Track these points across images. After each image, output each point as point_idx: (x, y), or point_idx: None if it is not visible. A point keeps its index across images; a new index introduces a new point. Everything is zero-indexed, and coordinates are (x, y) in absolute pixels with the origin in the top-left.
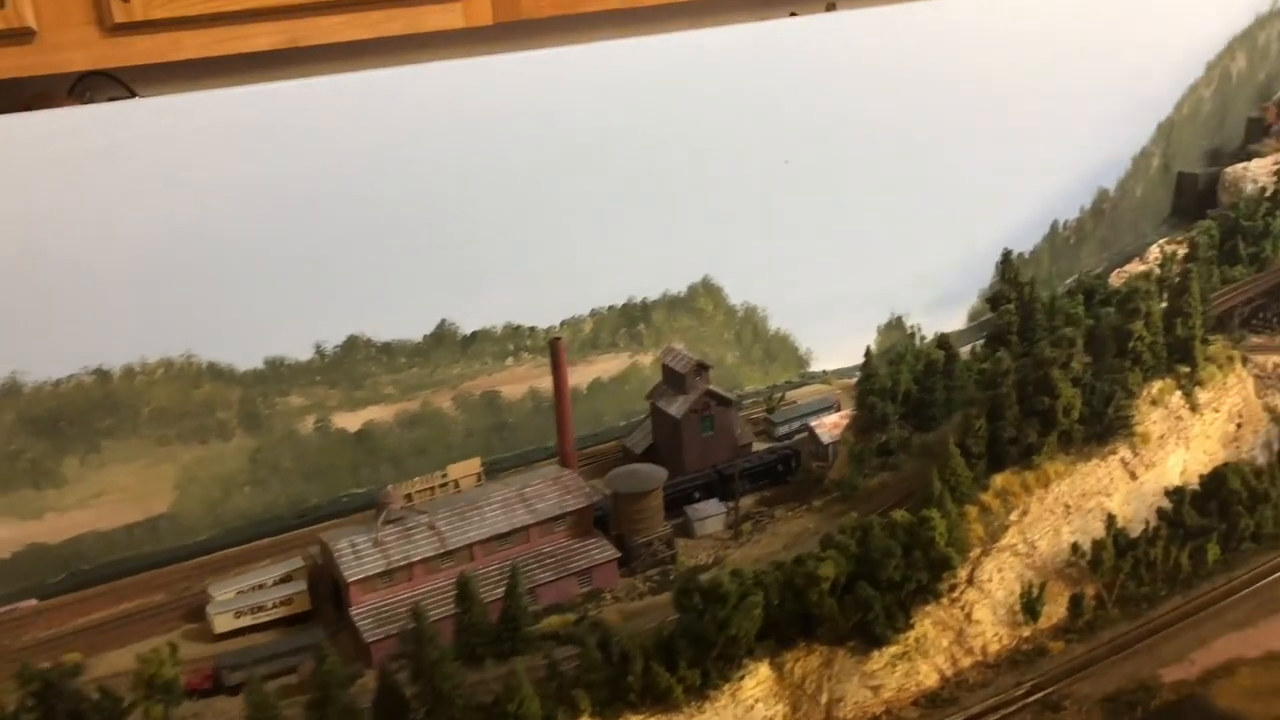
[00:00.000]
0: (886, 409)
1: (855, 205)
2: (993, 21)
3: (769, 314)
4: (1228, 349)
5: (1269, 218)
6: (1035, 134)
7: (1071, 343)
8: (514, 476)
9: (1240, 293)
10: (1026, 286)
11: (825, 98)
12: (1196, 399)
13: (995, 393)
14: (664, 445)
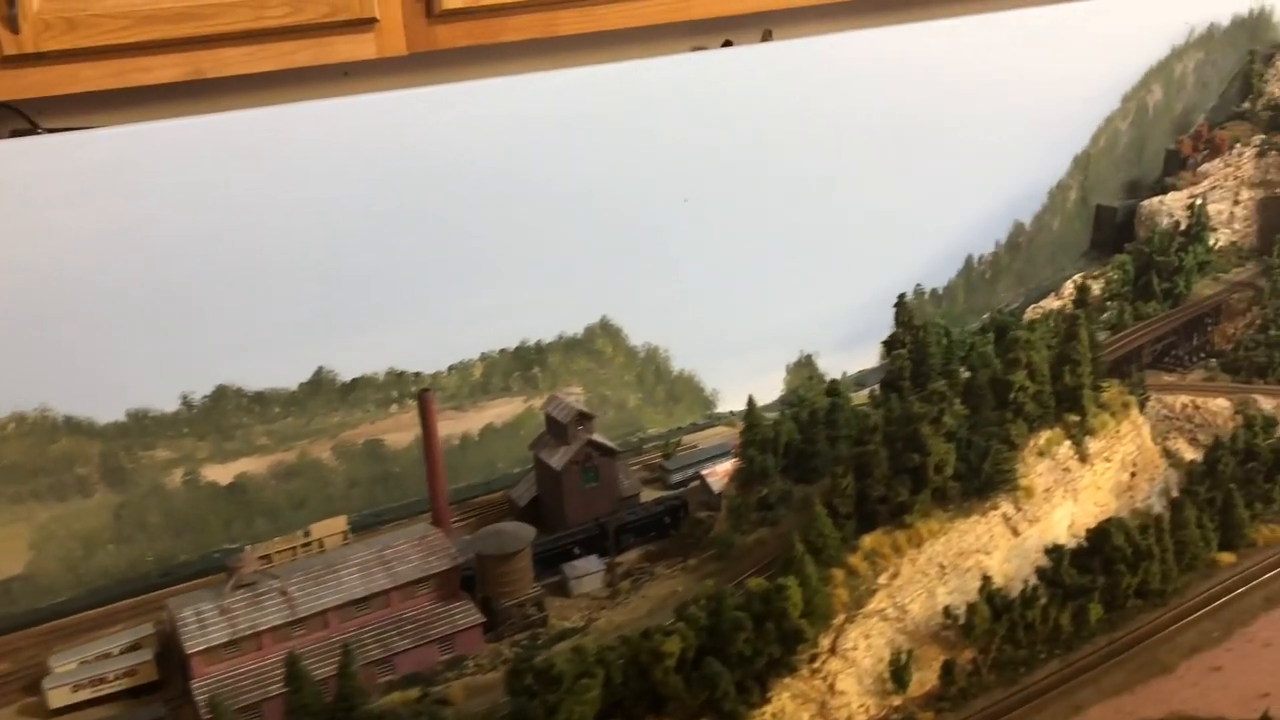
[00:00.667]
0: (766, 462)
1: (765, 240)
2: (913, 52)
3: (672, 354)
4: (1123, 394)
5: (1182, 253)
6: (950, 167)
7: (943, 397)
8: (379, 535)
9: (1150, 330)
10: (920, 330)
11: (738, 132)
12: (1087, 449)
13: (863, 450)
14: (547, 497)
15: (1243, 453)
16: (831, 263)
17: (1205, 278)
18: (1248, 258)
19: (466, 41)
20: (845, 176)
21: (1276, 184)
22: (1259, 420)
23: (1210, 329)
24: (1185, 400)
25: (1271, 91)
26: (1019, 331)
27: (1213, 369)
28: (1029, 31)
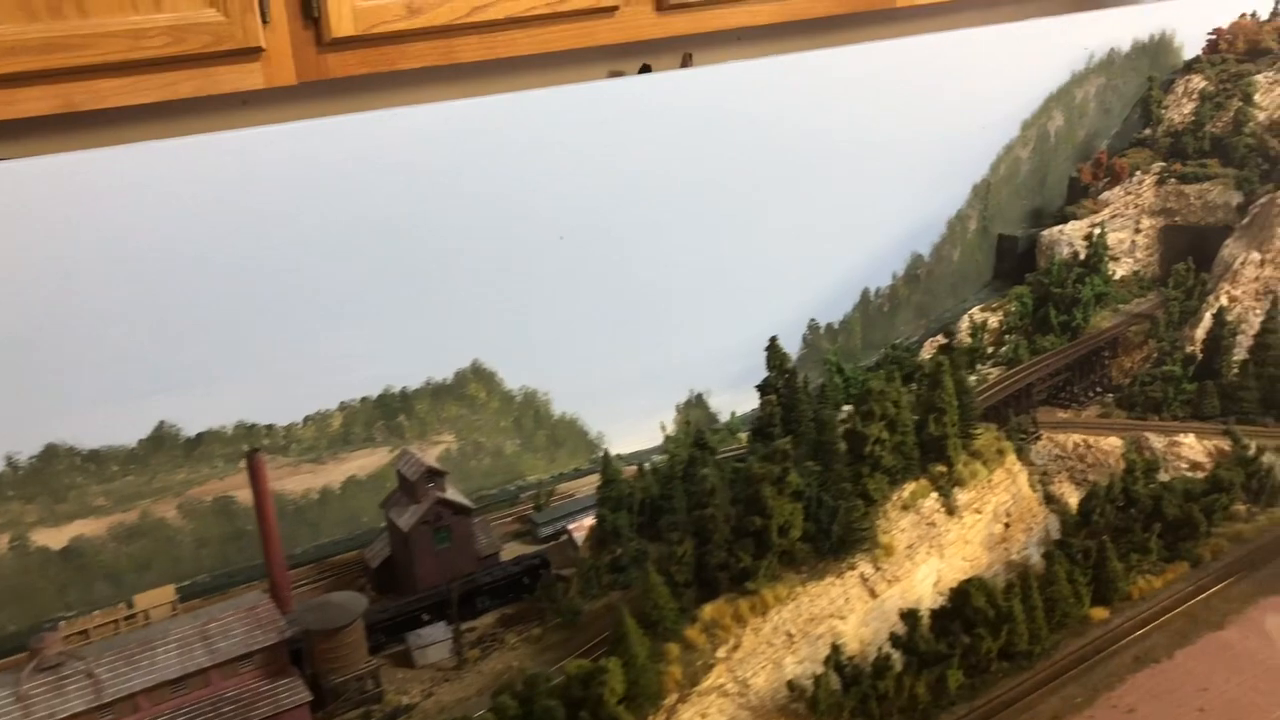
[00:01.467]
0: (619, 520)
1: (653, 275)
2: (809, 80)
3: (552, 397)
4: (998, 440)
5: (1079, 284)
6: (846, 197)
7: (785, 455)
8: (211, 605)
9: (1045, 366)
10: (790, 374)
11: (629, 163)
12: (955, 501)
13: (701, 514)
14: (399, 559)
15: (1121, 499)
16: (724, 297)
17: (1104, 309)
18: (1149, 288)
19: (360, 70)
20: (739, 208)
21: (1177, 212)
22: (1139, 465)
23: (1107, 363)
24: (1078, 439)
25: (1171, 118)
26: (873, 382)
27: (1108, 405)
28: (925, 58)
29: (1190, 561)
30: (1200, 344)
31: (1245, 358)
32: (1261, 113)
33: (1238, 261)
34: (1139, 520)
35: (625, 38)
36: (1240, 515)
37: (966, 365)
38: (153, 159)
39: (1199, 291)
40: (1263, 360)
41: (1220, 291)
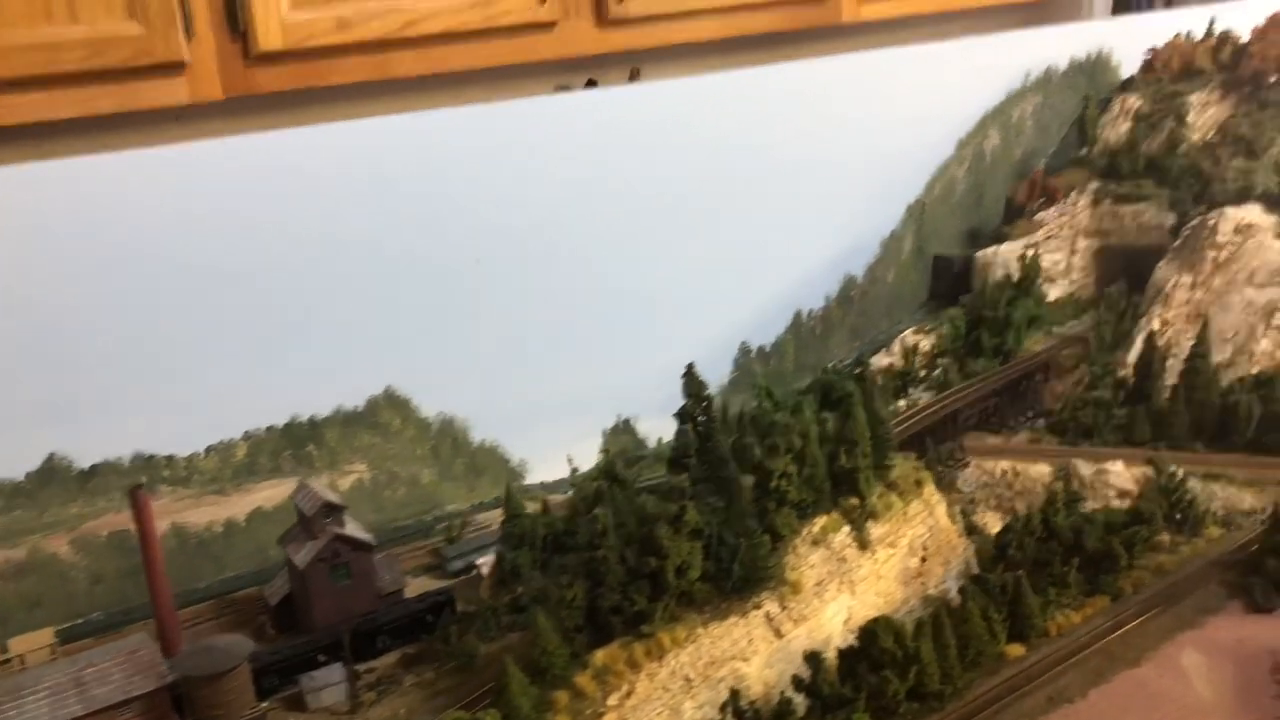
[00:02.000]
0: (519, 559)
1: (579, 297)
2: (743, 99)
3: (472, 424)
4: (917, 470)
5: (1011, 307)
6: (778, 217)
7: (683, 493)
8: (85, 651)
9: (974, 390)
10: (708, 402)
11: (555, 183)
12: (867, 535)
13: (592, 555)
14: (297, 596)
15: (1041, 531)
16: (654, 319)
17: (1038, 332)
18: (1085, 309)
19: (290, 85)
20: (668, 228)
21: (1112, 233)
22: (1060, 495)
23: (1040, 387)
24: (1006, 465)
25: (1108, 138)
26: (777, 416)
27: (1039, 430)
28: (860, 76)
29: (1111, 595)
30: (1132, 369)
31: (1176, 383)
32: (1195, 133)
33: (1169, 284)
34: (1059, 553)
35: (566, 53)
36: (1164, 546)
37: (897, 390)
38: (49, 178)
39: (1131, 315)
40: (1193, 385)
41: (1152, 315)
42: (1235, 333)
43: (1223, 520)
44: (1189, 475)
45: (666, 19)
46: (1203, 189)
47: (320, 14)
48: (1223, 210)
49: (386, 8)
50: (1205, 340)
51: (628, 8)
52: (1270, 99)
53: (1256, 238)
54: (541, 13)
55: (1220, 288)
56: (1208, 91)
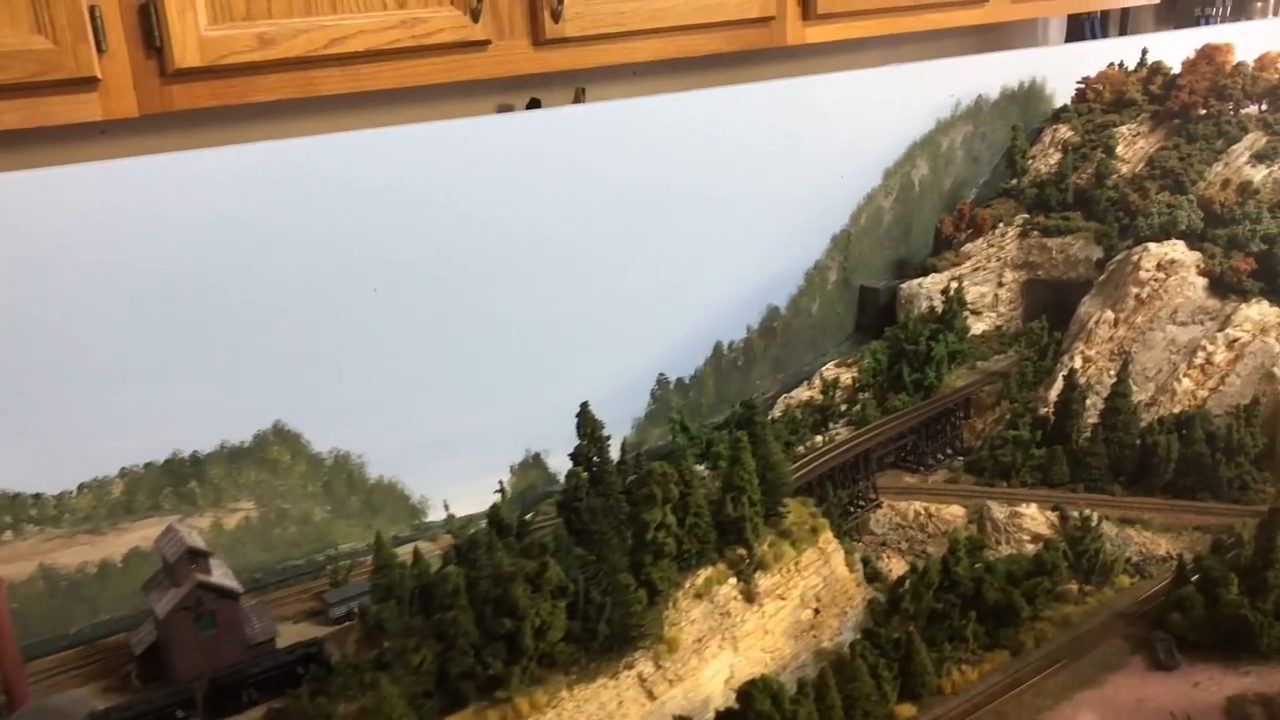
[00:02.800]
0: (383, 614)
1: (485, 327)
2: (667, 125)
3: (368, 459)
4: (813, 517)
5: (932, 341)
6: (699, 247)
7: (544, 549)
8: None
9: (890, 427)
10: (603, 443)
11: (464, 208)
12: (755, 587)
13: (442, 617)
14: (161, 646)
15: (941, 581)
16: (567, 349)
17: (962, 367)
18: (1011, 343)
19: (209, 102)
20: (586, 257)
21: (1039, 266)
22: (962, 544)
23: (960, 424)
24: (919, 507)
25: (1038, 168)
26: (654, 464)
27: (957, 469)
28: (783, 103)
29: (1011, 650)
30: (1053, 407)
31: (1097, 422)
32: (1124, 165)
33: (1092, 320)
34: (957, 605)
35: (501, 72)
36: (1071, 596)
37: (816, 425)
38: None
39: (1054, 351)
40: (1112, 425)
41: (1074, 351)
42: (1158, 370)
43: (1137, 567)
44: (1104, 520)
45: (606, 39)
46: (1129, 223)
47: (240, 30)
48: (1146, 246)
49: (310, 25)
50: (1125, 379)
51: (565, 28)
52: (1198, 132)
53: (1179, 274)
54: (474, 31)
55: (1143, 325)
56: (1138, 123)
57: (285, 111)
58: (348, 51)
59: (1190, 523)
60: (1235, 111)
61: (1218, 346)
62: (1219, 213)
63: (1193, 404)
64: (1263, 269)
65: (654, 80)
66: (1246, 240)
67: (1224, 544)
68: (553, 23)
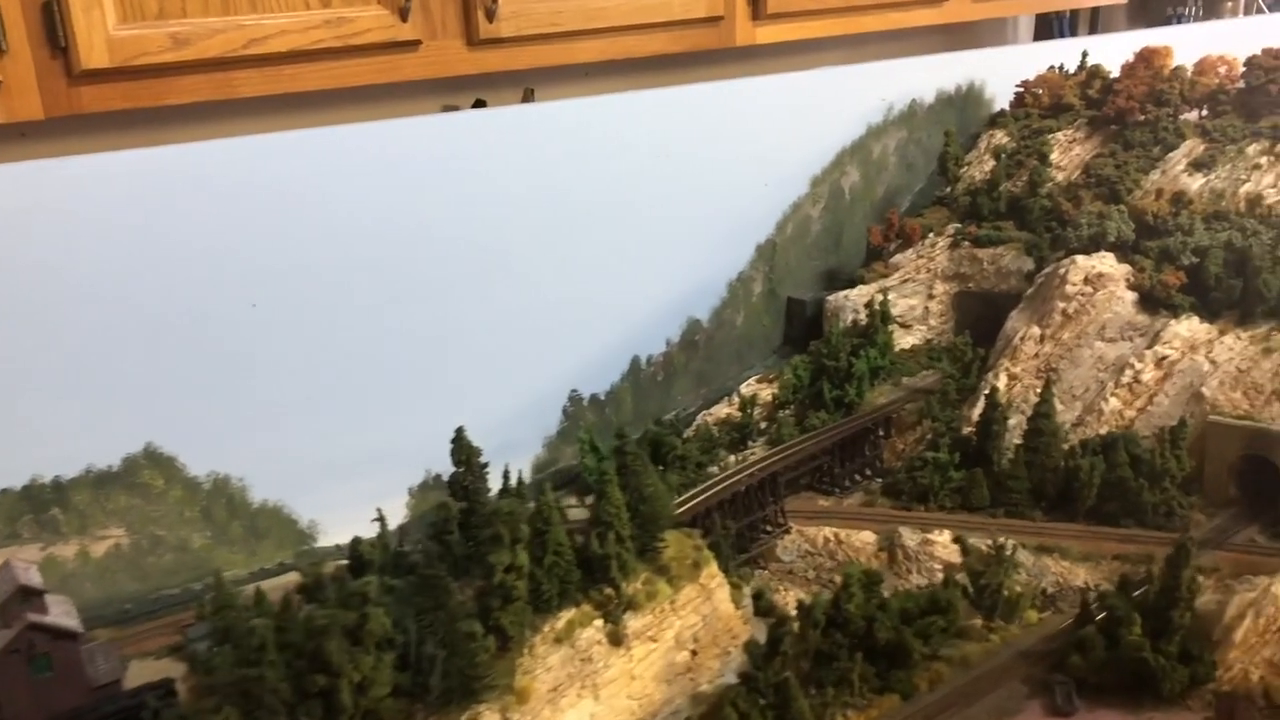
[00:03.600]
0: (214, 661)
1: (381, 343)
2: (586, 131)
3: (251, 483)
4: (696, 550)
5: (853, 357)
6: (615, 258)
7: (364, 599)
8: None
9: (802, 449)
10: (480, 473)
11: (361, 216)
12: (623, 629)
13: (245, 674)
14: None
15: (831, 618)
16: (473, 365)
17: (886, 383)
18: (941, 358)
19: (121, 104)
20: (493, 267)
21: (971, 277)
22: (857, 579)
23: (880, 444)
24: (830, 533)
25: (973, 176)
26: (502, 502)
27: (874, 492)
28: (704, 107)
29: (902, 694)
30: (975, 427)
31: (1020, 443)
32: (1059, 172)
33: (1018, 336)
34: (845, 645)
35: (434, 73)
36: (974, 633)
37: (734, 443)
38: None
39: (977, 367)
40: (1035, 447)
41: (999, 368)
42: (1085, 389)
43: (1053, 599)
44: (1020, 548)
45: (544, 40)
46: (1061, 233)
47: (152, 30)
48: (1073, 259)
49: (227, 24)
50: (1049, 399)
51: (500, 27)
52: (1135, 139)
53: (1108, 288)
54: (404, 31)
55: (1070, 341)
56: (1075, 129)
57: (220, 114)
58: (268, 52)
59: (1110, 551)
60: (1174, 117)
61: (1146, 364)
62: (1151, 224)
63: (1121, 424)
64: (1194, 283)
65: (606, 80)
66: (1178, 253)
67: (1132, 581)
68: (487, 22)
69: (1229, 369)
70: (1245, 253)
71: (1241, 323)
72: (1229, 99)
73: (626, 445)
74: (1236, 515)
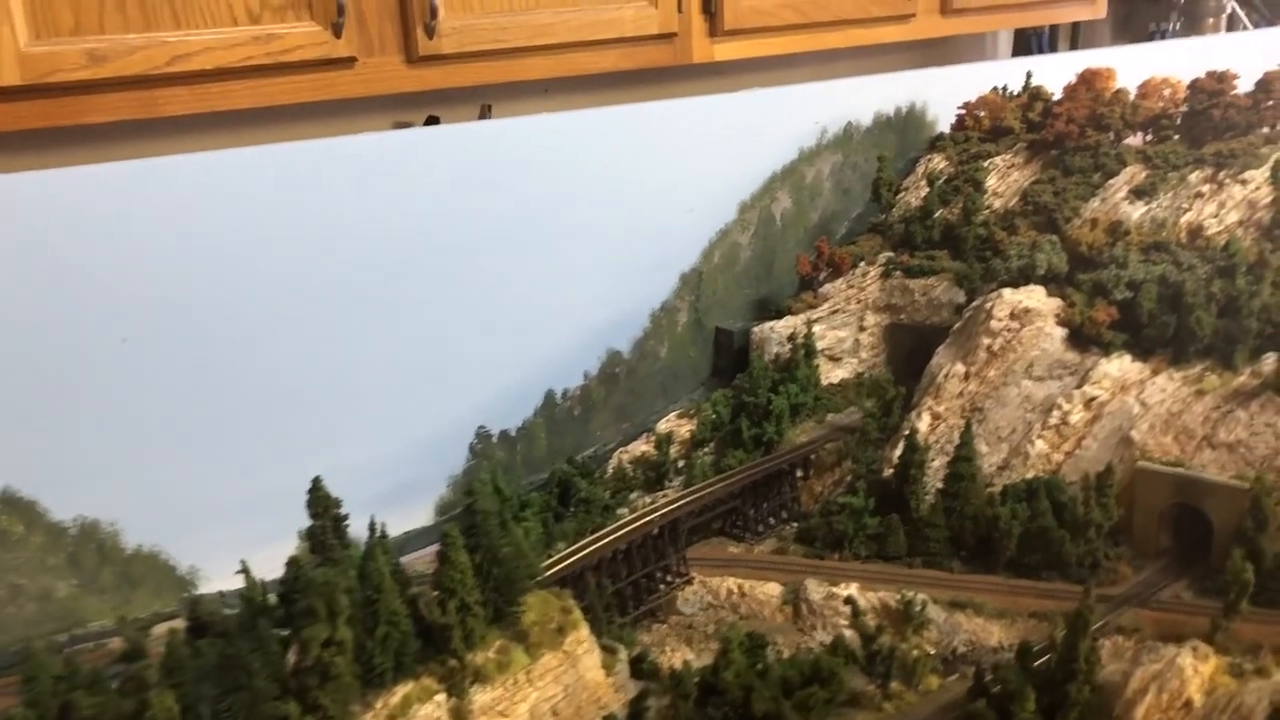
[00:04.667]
0: None
1: (262, 377)
2: (504, 151)
3: (123, 527)
4: (565, 613)
5: (773, 393)
6: (528, 286)
7: (143, 684)
8: None
9: (709, 492)
10: (338, 522)
11: (249, 245)
12: (469, 704)
13: None
14: None
15: (709, 687)
16: (374, 398)
17: (810, 420)
18: (870, 394)
19: (38, 124)
20: (394, 296)
21: (902, 309)
22: (738, 643)
23: (797, 486)
24: (733, 583)
25: (909, 202)
26: (315, 572)
27: (787, 538)
28: (629, 128)
29: None
30: (895, 469)
31: (942, 487)
32: (996, 199)
33: (943, 373)
34: (720, 718)
35: (372, 91)
36: (868, 700)
37: (651, 483)
38: None
39: (899, 406)
40: (954, 493)
41: (923, 407)
42: (1011, 430)
43: (963, 659)
44: (930, 604)
45: (487, 56)
46: (993, 264)
47: (67, 46)
48: (1000, 293)
49: (148, 40)
50: (969, 442)
51: (440, 44)
52: (1075, 165)
53: (1035, 324)
54: (338, 48)
55: (996, 379)
56: (1014, 153)
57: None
58: (194, 70)
59: (1027, 607)
60: (1115, 142)
61: (1075, 405)
62: (1086, 255)
63: (1048, 468)
64: (1127, 319)
65: (568, 97)
66: (1112, 286)
67: (1030, 650)
68: (427, 39)
69: (1160, 411)
70: (1179, 288)
71: (1175, 362)
72: (1172, 124)
73: (476, 503)
74: (1165, 569)
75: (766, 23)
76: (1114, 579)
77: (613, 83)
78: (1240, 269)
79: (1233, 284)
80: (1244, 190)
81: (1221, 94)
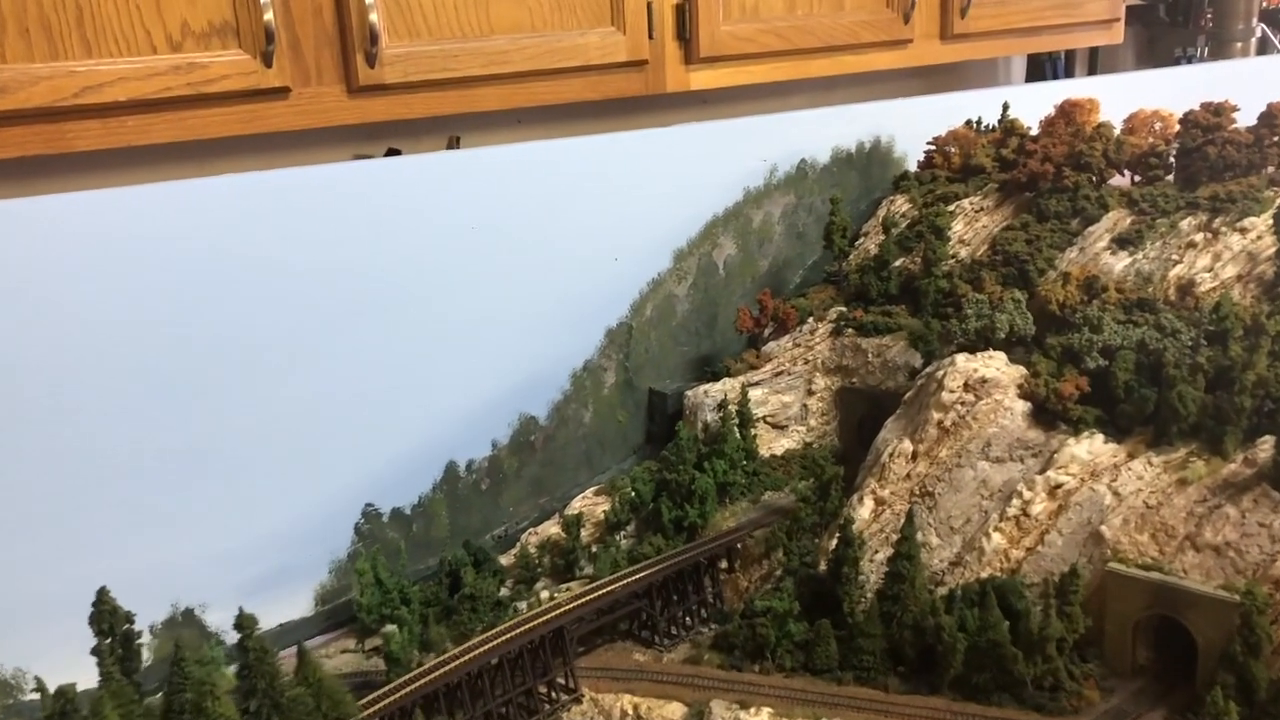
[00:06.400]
0: None
1: (114, 451)
2: (401, 190)
3: None
4: None
5: (698, 469)
6: (427, 345)
7: None
8: None
9: (602, 595)
10: (128, 640)
11: (86, 302)
12: None
13: None
14: None
15: None
16: (238, 475)
17: (743, 500)
18: (806, 473)
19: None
20: (279, 359)
21: (854, 371)
22: None
23: (719, 581)
24: (629, 703)
25: (868, 249)
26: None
27: (703, 643)
28: (532, 169)
29: None
30: (829, 564)
31: (880, 588)
32: (964, 248)
33: (888, 451)
34: None
35: (309, 123)
36: None
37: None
38: None
39: (838, 488)
40: (894, 596)
41: (866, 490)
42: (966, 520)
43: None
44: None
45: (435, 86)
46: (951, 324)
47: None
48: (954, 359)
49: (54, 70)
50: (911, 535)
51: (383, 73)
52: (1050, 209)
53: (994, 397)
54: (268, 78)
55: (948, 460)
56: (983, 195)
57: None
58: (105, 102)
59: None
60: (1097, 184)
61: (1037, 493)
62: (1058, 314)
63: (1006, 566)
64: (1099, 391)
65: (544, 128)
66: (1083, 352)
67: None
68: (368, 67)
69: (1135, 504)
70: (1160, 356)
71: (1154, 444)
72: (1162, 162)
73: (249, 638)
74: (1140, 692)
75: (746, 49)
76: (1077, 705)
77: (592, 112)
78: (1233, 334)
79: (1224, 352)
80: (1243, 240)
81: (1218, 128)
